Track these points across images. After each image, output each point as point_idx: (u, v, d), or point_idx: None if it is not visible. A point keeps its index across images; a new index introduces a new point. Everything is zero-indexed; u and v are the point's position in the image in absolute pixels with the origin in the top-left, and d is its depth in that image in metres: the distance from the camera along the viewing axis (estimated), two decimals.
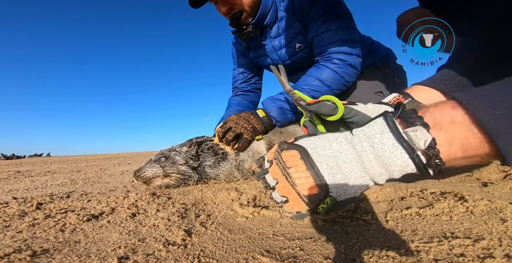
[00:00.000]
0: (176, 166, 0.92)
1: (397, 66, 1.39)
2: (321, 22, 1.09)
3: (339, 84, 1.08)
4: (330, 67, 1.07)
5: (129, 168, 2.29)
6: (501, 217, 0.47)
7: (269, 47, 1.32)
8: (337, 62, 1.07)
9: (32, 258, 0.44)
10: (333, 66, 1.07)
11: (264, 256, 0.40)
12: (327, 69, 1.07)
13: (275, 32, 1.26)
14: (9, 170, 2.58)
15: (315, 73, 1.09)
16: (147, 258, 0.42)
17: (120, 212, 0.69)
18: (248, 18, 1.19)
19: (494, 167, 0.86)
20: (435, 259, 0.36)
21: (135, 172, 0.94)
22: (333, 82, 1.07)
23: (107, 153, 9.16)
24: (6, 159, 7.19)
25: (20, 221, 0.64)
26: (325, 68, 1.08)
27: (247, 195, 0.75)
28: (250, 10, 1.17)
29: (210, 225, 0.57)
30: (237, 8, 1.15)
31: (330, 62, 1.08)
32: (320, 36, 1.10)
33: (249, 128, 0.99)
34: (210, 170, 0.96)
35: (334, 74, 1.07)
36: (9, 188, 1.31)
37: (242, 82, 1.64)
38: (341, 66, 1.07)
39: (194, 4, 1.14)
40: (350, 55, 1.07)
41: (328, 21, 1.08)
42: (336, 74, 1.07)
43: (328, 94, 1.07)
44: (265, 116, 1.06)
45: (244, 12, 1.16)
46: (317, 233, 0.50)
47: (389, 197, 0.67)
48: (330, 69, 1.07)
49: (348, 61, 1.07)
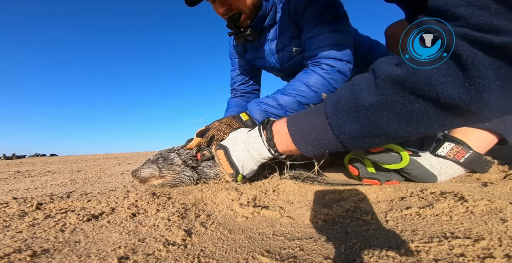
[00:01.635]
0: (173, 167, 0.92)
1: None
2: (314, 24, 1.06)
3: (326, 90, 1.06)
4: (319, 72, 1.05)
5: (129, 168, 2.29)
6: (501, 217, 0.47)
7: (267, 50, 1.30)
8: (326, 67, 1.04)
9: (32, 258, 0.44)
10: (321, 72, 1.04)
11: (264, 256, 0.40)
12: (315, 75, 1.05)
13: (273, 35, 1.23)
14: (9, 170, 2.58)
15: (302, 78, 1.06)
16: (147, 258, 0.42)
17: (120, 212, 0.69)
18: (246, 20, 1.15)
19: (494, 167, 0.86)
20: (435, 259, 0.36)
21: (133, 172, 0.95)
22: (320, 88, 1.05)
23: (107, 153, 9.16)
24: (6, 159, 7.19)
25: (20, 221, 0.64)
26: (313, 73, 1.05)
27: (247, 195, 0.75)
28: (250, 12, 1.13)
29: (210, 225, 0.57)
30: (236, 10, 1.10)
31: (319, 67, 1.05)
32: (311, 40, 1.07)
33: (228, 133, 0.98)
34: (209, 170, 0.96)
35: (322, 80, 1.04)
36: (9, 188, 1.31)
37: (240, 84, 1.62)
38: (330, 72, 1.04)
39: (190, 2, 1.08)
40: (340, 61, 1.04)
41: (320, 24, 1.05)
42: (324, 80, 1.04)
43: (314, 100, 1.05)
44: (248, 119, 1.03)
45: (243, 14, 1.12)
46: (317, 233, 0.50)
47: (389, 197, 0.67)
48: (318, 74, 1.05)
49: (337, 67, 1.04)
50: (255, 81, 1.65)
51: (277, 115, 1.06)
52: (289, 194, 0.77)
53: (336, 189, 0.76)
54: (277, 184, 0.84)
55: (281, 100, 1.05)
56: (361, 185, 0.78)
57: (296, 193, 0.77)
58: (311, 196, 0.74)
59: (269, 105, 1.05)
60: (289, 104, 1.04)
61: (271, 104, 1.05)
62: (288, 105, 1.04)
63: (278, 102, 1.05)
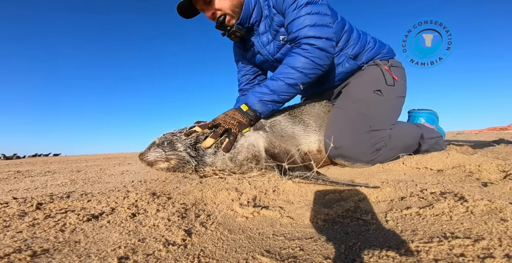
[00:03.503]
0: (176, 152, 0.99)
1: (396, 63, 1.38)
2: (292, 9, 1.14)
3: (312, 69, 1.12)
4: (300, 53, 1.11)
5: (129, 168, 2.29)
6: (501, 217, 0.47)
7: (258, 44, 1.38)
8: (306, 47, 1.10)
9: (32, 258, 0.44)
10: (302, 52, 1.11)
11: (264, 256, 0.40)
12: (297, 56, 1.11)
13: (263, 29, 1.31)
14: (9, 170, 2.58)
15: (287, 61, 1.14)
16: (147, 258, 0.42)
17: (120, 212, 0.69)
18: (231, 20, 1.27)
19: (494, 167, 0.86)
20: (435, 259, 0.36)
21: (140, 155, 1.03)
22: (306, 67, 1.11)
23: (107, 153, 9.15)
24: (6, 159, 7.18)
25: (20, 221, 0.64)
26: (295, 55, 1.11)
27: (247, 195, 0.75)
28: (233, 13, 1.24)
29: (210, 225, 0.57)
30: (220, 13, 1.23)
31: (300, 49, 1.12)
32: (291, 24, 1.15)
33: (235, 124, 1.08)
34: (208, 158, 1.00)
35: (304, 59, 1.10)
36: (9, 188, 1.31)
37: (246, 84, 1.69)
38: (310, 51, 1.10)
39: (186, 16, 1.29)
40: (319, 38, 1.10)
41: (298, 8, 1.13)
42: (306, 59, 1.10)
43: (301, 79, 1.11)
44: (249, 109, 1.13)
45: (227, 15, 1.25)
46: (317, 233, 0.50)
47: (389, 197, 0.67)
48: (300, 55, 1.11)
49: (317, 45, 1.10)
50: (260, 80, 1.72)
51: (272, 100, 1.14)
52: (289, 194, 0.77)
53: (336, 189, 0.76)
54: (277, 184, 0.84)
55: (271, 86, 1.14)
56: (361, 186, 0.78)
57: (296, 193, 0.77)
58: (311, 196, 0.74)
59: (262, 93, 1.14)
60: (279, 88, 1.13)
61: (264, 91, 1.14)
62: (278, 89, 1.13)
63: (269, 88, 1.14)
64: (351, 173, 1.04)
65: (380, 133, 1.16)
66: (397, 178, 0.89)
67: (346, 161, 1.13)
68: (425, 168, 1.00)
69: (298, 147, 1.10)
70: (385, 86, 1.25)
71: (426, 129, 1.41)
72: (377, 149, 1.14)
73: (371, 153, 1.12)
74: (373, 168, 1.11)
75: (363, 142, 1.12)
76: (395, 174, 0.96)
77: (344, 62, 1.29)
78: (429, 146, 1.36)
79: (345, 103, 1.25)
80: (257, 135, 1.07)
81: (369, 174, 0.99)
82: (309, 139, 1.16)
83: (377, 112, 1.20)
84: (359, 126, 1.15)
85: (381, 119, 1.20)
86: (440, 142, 1.44)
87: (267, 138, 1.07)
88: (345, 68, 1.30)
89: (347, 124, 1.16)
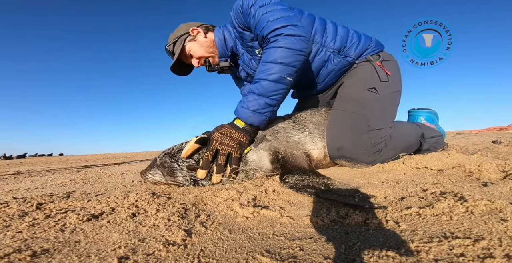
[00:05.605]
0: (175, 179, 0.99)
1: (387, 56, 1.35)
2: (252, 16, 1.15)
3: (291, 56, 1.07)
4: (272, 46, 1.09)
5: (129, 168, 2.29)
6: (501, 217, 0.47)
7: (242, 64, 1.44)
8: (275, 38, 1.09)
9: (32, 258, 0.44)
10: (273, 44, 1.08)
11: (264, 256, 0.40)
12: (269, 50, 1.09)
13: (241, 50, 1.38)
14: (9, 170, 2.58)
15: (263, 58, 1.11)
16: (147, 258, 0.42)
17: (120, 212, 0.69)
18: (215, 59, 1.41)
19: (494, 167, 0.86)
20: (435, 259, 0.36)
21: (142, 174, 1.04)
22: (283, 56, 1.06)
23: (107, 153, 9.15)
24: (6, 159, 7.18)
25: (20, 221, 0.64)
26: (268, 50, 1.10)
27: (247, 195, 0.75)
28: (212, 53, 1.38)
29: (210, 225, 0.57)
30: (203, 59, 1.40)
31: (270, 43, 1.11)
32: (256, 28, 1.16)
33: (235, 146, 0.99)
34: (207, 182, 0.99)
35: (279, 49, 1.07)
36: (9, 188, 1.31)
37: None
38: (280, 40, 1.07)
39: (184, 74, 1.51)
40: (284, 27, 1.08)
41: (255, 13, 1.14)
42: (280, 48, 1.07)
43: (286, 70, 1.06)
44: (245, 124, 1.06)
45: (210, 58, 1.39)
46: (317, 233, 0.50)
47: (389, 197, 0.67)
48: (272, 48, 1.09)
49: (285, 33, 1.07)
50: None
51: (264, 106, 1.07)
52: (289, 194, 0.77)
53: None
54: (277, 184, 0.84)
55: (257, 89, 1.08)
56: (361, 186, 0.78)
57: (296, 193, 0.77)
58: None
59: (252, 102, 1.07)
60: (264, 88, 1.07)
61: (251, 99, 1.08)
62: (265, 90, 1.07)
63: (255, 93, 1.08)
64: (351, 173, 1.04)
65: (380, 132, 1.15)
66: (397, 178, 0.89)
67: (347, 162, 1.13)
68: (425, 168, 1.00)
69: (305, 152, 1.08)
70: (379, 83, 1.23)
71: (427, 128, 1.41)
72: (379, 149, 1.13)
73: (373, 154, 1.12)
74: (373, 168, 1.11)
75: (363, 143, 1.12)
76: (395, 174, 0.96)
77: (331, 58, 1.27)
78: (430, 145, 1.35)
79: (341, 104, 1.24)
80: (260, 154, 1.02)
81: (369, 174, 0.99)
82: (316, 145, 1.15)
83: (374, 111, 1.18)
84: (358, 126, 1.14)
85: (379, 117, 1.19)
86: (441, 141, 1.44)
87: (270, 148, 1.04)
88: (334, 64, 1.27)
89: (346, 125, 1.15)
